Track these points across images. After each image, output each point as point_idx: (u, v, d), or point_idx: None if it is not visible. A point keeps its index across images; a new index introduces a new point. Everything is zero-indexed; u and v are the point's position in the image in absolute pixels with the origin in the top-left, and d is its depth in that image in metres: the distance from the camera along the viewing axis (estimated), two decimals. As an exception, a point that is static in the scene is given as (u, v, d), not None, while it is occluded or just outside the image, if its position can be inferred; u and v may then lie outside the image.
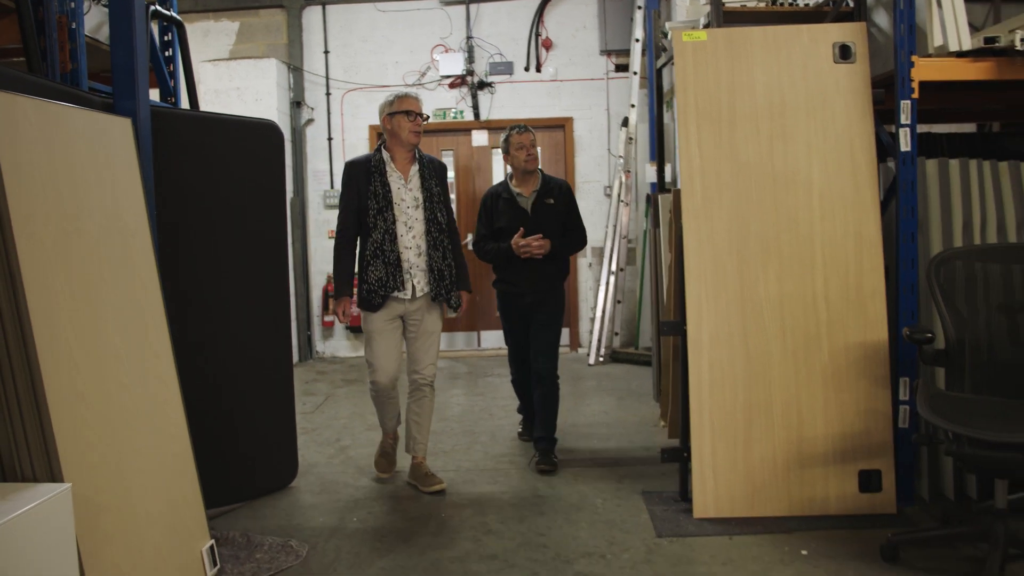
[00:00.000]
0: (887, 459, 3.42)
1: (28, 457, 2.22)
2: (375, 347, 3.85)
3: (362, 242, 3.81)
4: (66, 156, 2.49)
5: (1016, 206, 3.54)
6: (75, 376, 2.37)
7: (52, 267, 2.33)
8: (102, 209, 2.64)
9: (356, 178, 3.80)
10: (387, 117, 3.82)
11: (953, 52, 3.30)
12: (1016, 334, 3.05)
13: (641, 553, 3.13)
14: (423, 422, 4.00)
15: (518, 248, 4.15)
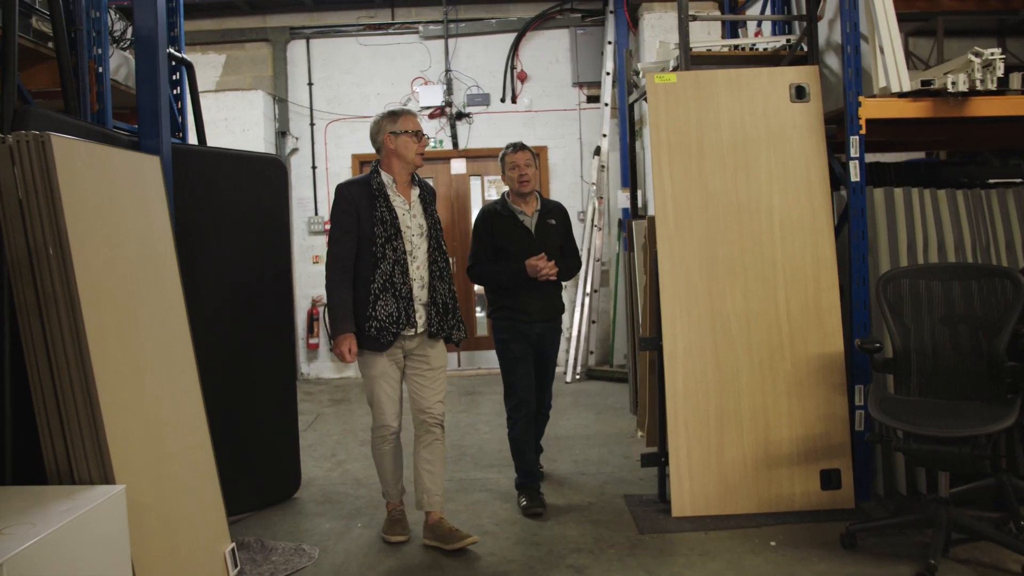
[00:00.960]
0: (846, 459, 3.77)
1: (85, 461, 2.48)
2: (381, 390, 3.48)
3: (362, 273, 3.39)
4: (110, 191, 2.77)
5: (954, 229, 3.94)
6: (121, 388, 2.64)
7: (101, 290, 2.61)
8: (138, 237, 2.92)
9: (355, 202, 3.40)
10: (390, 136, 3.44)
11: (895, 93, 3.70)
12: (956, 343, 3.42)
13: (626, 548, 3.44)
14: (436, 470, 3.57)
15: (537, 271, 3.87)
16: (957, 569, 3.07)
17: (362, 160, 7.91)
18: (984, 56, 3.57)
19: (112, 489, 2.41)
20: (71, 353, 2.46)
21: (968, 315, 3.42)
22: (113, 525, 2.39)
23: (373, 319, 3.35)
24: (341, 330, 3.39)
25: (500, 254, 4.01)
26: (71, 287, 2.45)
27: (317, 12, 7.80)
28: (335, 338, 3.42)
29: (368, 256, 3.38)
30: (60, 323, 2.45)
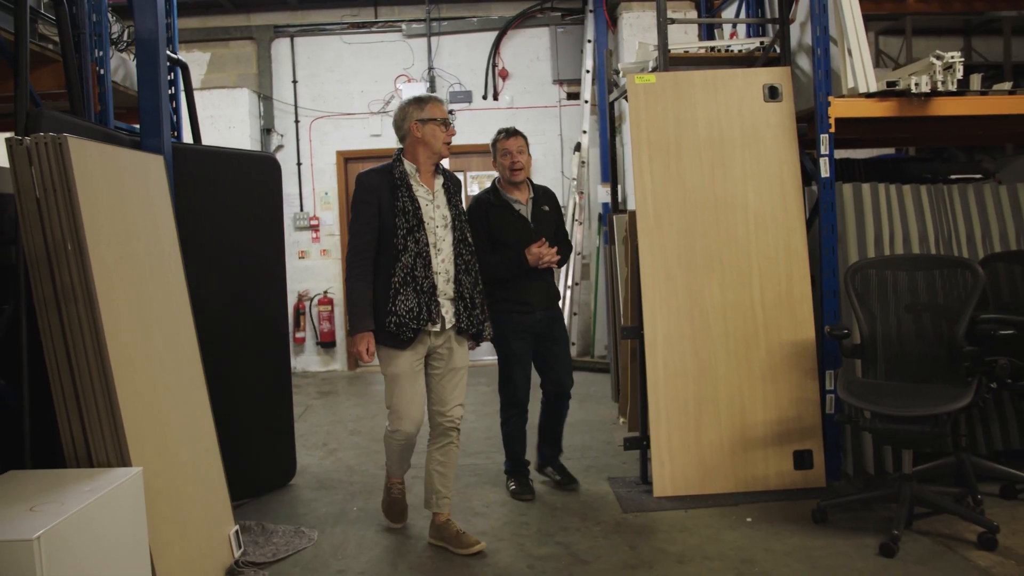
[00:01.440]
0: (817, 440, 3.98)
1: (103, 445, 2.62)
2: (402, 392, 3.31)
3: (383, 266, 3.26)
4: (120, 190, 2.91)
5: (918, 222, 4.16)
6: (134, 377, 2.78)
7: (114, 284, 2.74)
8: (146, 234, 3.06)
9: (377, 192, 3.27)
10: (416, 124, 3.32)
11: (862, 93, 3.90)
12: (919, 329, 3.63)
13: (611, 526, 3.63)
14: (448, 472, 3.49)
15: (538, 258, 3.82)
16: (919, 540, 3.28)
17: (347, 157, 8.04)
18: (945, 59, 3.78)
19: (130, 471, 2.55)
20: (89, 343, 2.60)
21: (930, 303, 3.63)
22: (131, 506, 2.54)
23: (393, 314, 3.20)
24: (359, 328, 3.25)
25: (498, 246, 3.90)
26: (88, 281, 2.59)
27: (301, 11, 7.91)
28: (352, 336, 3.29)
29: (388, 248, 3.24)
30: (79, 315, 2.59)
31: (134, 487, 2.55)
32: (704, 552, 3.29)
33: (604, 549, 3.38)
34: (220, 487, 3.35)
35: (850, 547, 3.25)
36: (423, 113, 3.33)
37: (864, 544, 3.26)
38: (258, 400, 4.17)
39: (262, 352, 4.20)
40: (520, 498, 4.00)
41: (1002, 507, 3.57)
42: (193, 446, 3.16)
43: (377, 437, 5.40)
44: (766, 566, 3.13)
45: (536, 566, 3.24)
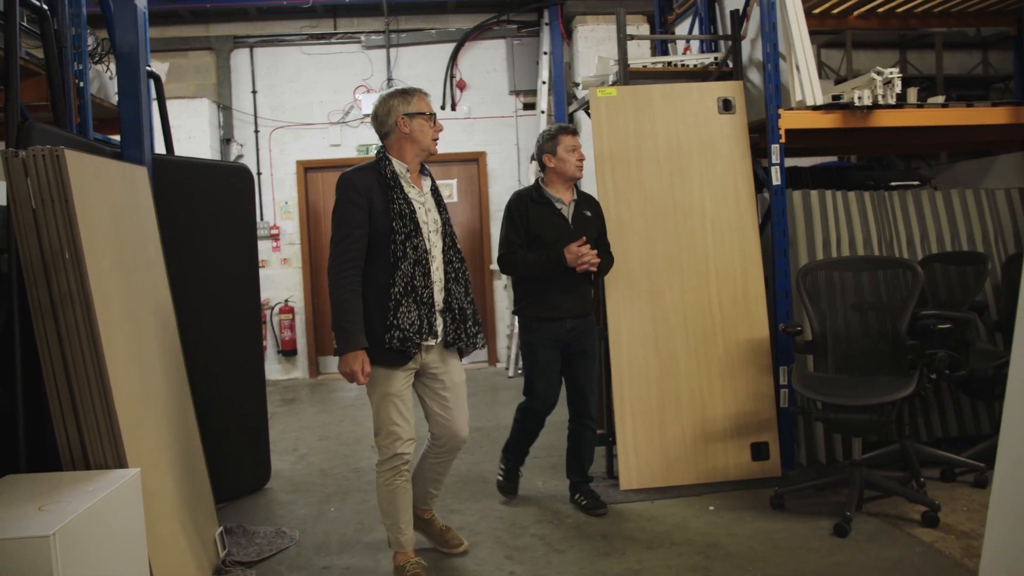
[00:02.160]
0: (772, 433, 4.22)
1: (100, 448, 2.71)
2: (397, 413, 3.04)
3: (375, 276, 2.98)
4: (111, 200, 3.00)
5: (862, 226, 4.44)
6: (128, 381, 2.87)
7: (108, 291, 2.84)
8: (134, 243, 3.15)
9: (368, 193, 2.97)
10: (403, 119, 3.03)
11: (810, 106, 4.16)
12: (865, 326, 3.89)
13: (582, 517, 3.81)
14: (443, 480, 3.41)
15: (577, 258, 3.58)
16: (869, 520, 3.54)
17: (306, 167, 8.11)
18: (885, 75, 4.07)
19: (129, 472, 2.65)
20: (86, 348, 2.69)
21: (875, 301, 3.89)
22: (131, 505, 2.63)
23: (395, 328, 2.92)
24: (352, 345, 2.90)
25: (534, 243, 3.71)
26: (86, 288, 2.68)
27: (260, 21, 7.97)
28: (344, 355, 2.91)
29: (383, 256, 2.97)
30: (76, 321, 2.67)
31: (133, 487, 2.64)
32: (672, 539, 3.49)
33: (577, 539, 3.55)
34: (206, 489, 3.44)
35: (807, 529, 3.48)
36: (410, 107, 3.05)
37: (819, 526, 3.50)
38: (234, 405, 4.26)
39: (237, 359, 4.29)
40: (505, 491, 4.08)
41: (942, 489, 3.85)
42: (181, 448, 3.26)
43: (346, 441, 5.52)
44: (730, 549, 3.34)
45: (514, 556, 3.40)
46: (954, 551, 3.18)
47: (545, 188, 3.83)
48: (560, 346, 3.76)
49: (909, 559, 3.14)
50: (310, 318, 8.18)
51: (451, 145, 8.17)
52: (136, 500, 2.66)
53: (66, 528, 2.18)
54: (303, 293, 8.17)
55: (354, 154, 8.15)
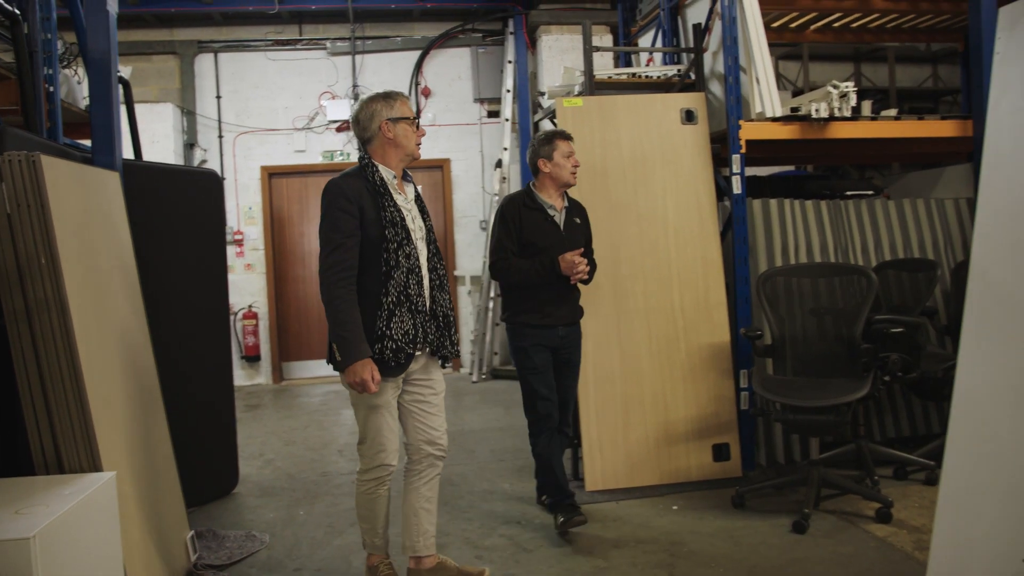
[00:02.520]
0: (733, 434, 4.34)
1: (75, 452, 2.73)
2: (384, 423, 2.98)
3: (367, 285, 2.90)
4: (85, 205, 3.02)
5: (818, 234, 4.59)
6: (102, 386, 2.89)
7: (83, 296, 2.85)
8: (107, 248, 3.17)
9: (357, 201, 2.89)
10: (388, 123, 2.95)
11: (769, 117, 4.30)
12: (822, 330, 4.03)
13: (549, 518, 3.87)
14: (433, 508, 3.17)
15: (571, 267, 3.54)
16: (826, 517, 3.67)
17: (271, 172, 8.11)
18: (840, 88, 4.22)
19: (105, 476, 2.67)
20: (62, 353, 2.70)
21: (831, 307, 4.03)
22: (107, 509, 2.65)
23: (388, 339, 2.87)
24: (358, 354, 2.81)
25: (527, 250, 3.64)
26: (61, 293, 2.70)
27: (225, 27, 7.96)
28: (351, 365, 2.81)
29: (375, 264, 2.91)
30: (52, 326, 2.69)
31: (109, 491, 2.66)
32: (637, 537, 3.58)
33: (545, 539, 3.63)
34: (177, 493, 3.46)
35: (767, 526, 3.60)
36: (393, 111, 2.97)
37: (779, 523, 3.62)
38: (203, 410, 4.27)
39: (206, 364, 4.30)
40: (571, 522, 3.58)
41: (895, 486, 4.00)
42: (153, 452, 3.27)
43: (313, 446, 5.54)
44: (694, 547, 3.44)
45: (484, 556, 3.47)
46: (906, 545, 3.32)
47: (537, 193, 3.73)
48: (551, 352, 3.69)
49: (864, 553, 3.27)
50: (274, 324, 8.16)
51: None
52: (111, 504, 2.68)
53: (46, 530, 2.20)
54: (267, 299, 8.15)
55: (319, 160, 8.17)
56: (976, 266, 2.11)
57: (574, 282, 3.63)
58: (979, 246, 2.11)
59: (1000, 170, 2.07)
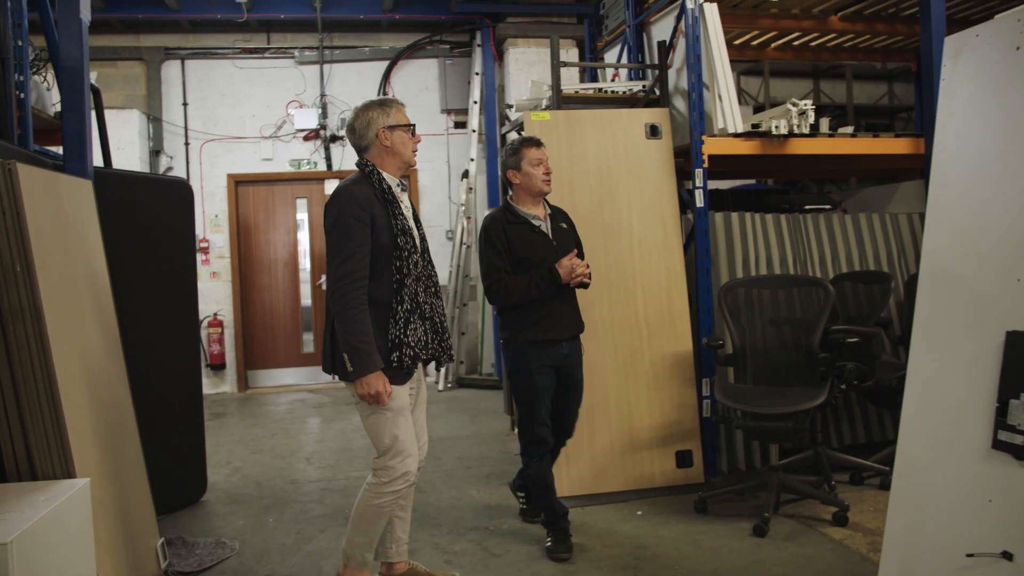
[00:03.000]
0: (696, 442, 4.45)
1: (49, 459, 2.74)
2: (404, 431, 2.93)
3: (378, 293, 2.87)
4: (59, 213, 3.04)
5: (778, 247, 4.73)
6: (75, 393, 2.90)
7: (57, 303, 2.87)
8: (81, 255, 3.19)
9: (370, 208, 2.86)
10: (385, 132, 2.94)
11: (731, 133, 4.43)
12: (781, 340, 4.16)
13: (517, 523, 3.96)
14: (408, 515, 3.23)
15: (570, 272, 3.40)
16: (786, 521, 3.79)
17: (238, 180, 8.10)
18: (800, 106, 4.37)
19: (79, 482, 2.68)
20: (36, 360, 2.72)
21: (790, 317, 4.16)
22: (81, 515, 2.66)
23: (406, 346, 2.87)
24: (371, 366, 2.80)
25: (522, 265, 3.49)
26: (36, 300, 2.72)
27: (193, 34, 7.94)
28: (364, 376, 2.79)
29: (385, 272, 2.88)
30: (26, 333, 2.71)
31: (83, 497, 2.68)
32: (603, 541, 3.67)
33: (513, 543, 3.70)
34: (147, 500, 3.47)
35: (728, 530, 3.71)
36: (389, 119, 2.96)
37: (740, 527, 3.73)
38: (171, 417, 4.27)
39: (175, 372, 4.31)
40: (554, 557, 3.50)
41: (852, 491, 4.14)
42: (123, 460, 3.29)
43: (280, 454, 5.55)
44: (658, 550, 3.54)
45: (453, 560, 3.53)
46: (861, 547, 3.44)
47: (516, 206, 3.60)
48: (554, 371, 3.54)
49: (821, 555, 3.39)
50: (240, 332, 8.14)
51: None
52: (85, 510, 2.70)
53: (23, 536, 2.22)
54: (232, 307, 8.13)
55: (287, 168, 8.18)
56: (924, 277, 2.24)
57: (575, 285, 3.46)
58: (927, 259, 2.23)
59: (946, 188, 2.20)
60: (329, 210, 2.91)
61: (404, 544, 3.22)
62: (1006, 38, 2.04)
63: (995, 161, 2.04)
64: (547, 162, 3.62)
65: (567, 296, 3.54)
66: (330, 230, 2.89)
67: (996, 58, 2.07)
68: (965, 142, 2.14)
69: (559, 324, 3.50)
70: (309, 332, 8.47)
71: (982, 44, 2.11)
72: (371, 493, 2.96)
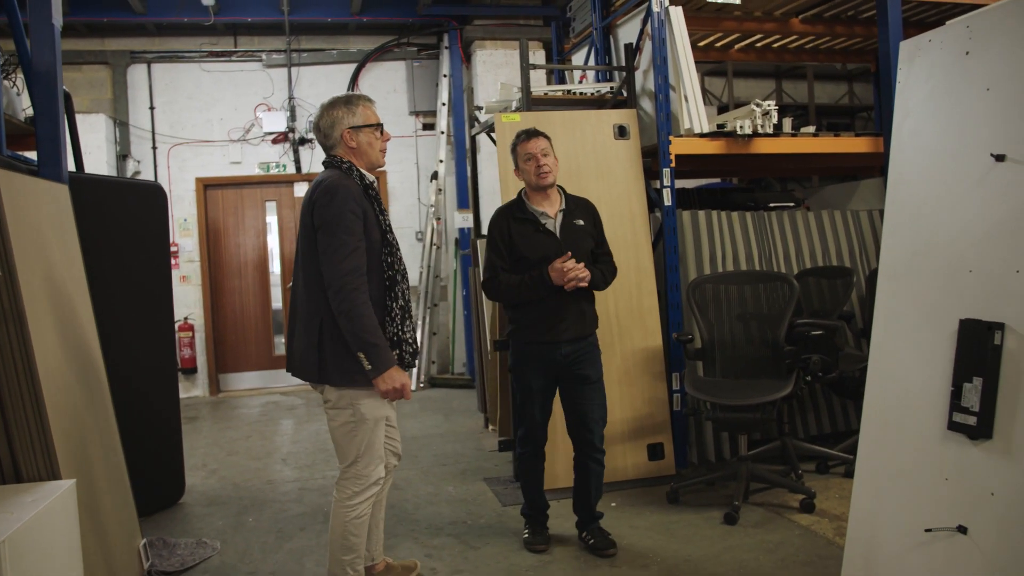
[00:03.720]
0: (667, 435, 4.57)
1: (33, 461, 2.76)
2: (380, 436, 2.93)
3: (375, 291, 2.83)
4: (38, 218, 3.06)
5: (744, 244, 4.87)
6: (57, 395, 2.93)
7: (39, 308, 2.90)
8: (61, 260, 3.21)
9: (362, 205, 2.80)
10: (350, 132, 2.87)
11: (697, 133, 4.55)
12: (748, 334, 4.28)
13: (494, 517, 4.04)
14: (382, 514, 3.23)
15: (563, 275, 3.27)
16: (755, 509, 3.92)
17: (206, 184, 8.08)
18: (763, 107, 4.51)
19: (65, 484, 2.71)
20: (20, 365, 2.74)
21: (756, 312, 4.29)
22: (67, 516, 2.69)
23: (405, 343, 2.85)
24: (389, 361, 2.75)
25: (521, 264, 3.40)
26: (19, 305, 2.74)
27: (159, 37, 7.91)
28: (385, 372, 2.73)
29: (376, 269, 2.85)
30: (10, 338, 2.73)
31: (69, 499, 2.71)
32: (574, 534, 3.75)
33: (491, 536, 3.79)
34: (129, 501, 3.50)
35: (700, 519, 3.83)
36: (355, 118, 2.88)
37: (711, 516, 3.85)
38: (149, 420, 4.29)
39: (153, 374, 4.33)
40: (531, 548, 3.57)
41: (818, 479, 4.28)
42: (105, 461, 3.31)
43: (256, 456, 5.57)
44: (632, 539, 3.64)
45: (433, 554, 3.60)
46: (827, 532, 3.58)
47: (527, 201, 3.52)
48: (554, 372, 3.45)
49: (790, 540, 3.52)
50: (210, 335, 8.12)
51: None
52: (72, 511, 2.72)
53: (15, 536, 2.25)
54: (203, 310, 8.10)
55: (256, 171, 8.18)
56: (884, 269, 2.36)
57: (570, 288, 3.30)
58: (886, 251, 2.35)
59: (903, 184, 2.32)
60: (324, 206, 2.78)
61: (380, 543, 3.24)
62: (956, 44, 2.16)
63: (947, 158, 2.16)
64: (540, 154, 3.46)
65: (570, 297, 3.36)
66: (327, 227, 2.77)
67: (948, 62, 2.19)
68: (920, 140, 2.26)
69: (557, 326, 3.38)
70: (280, 335, 8.47)
71: (935, 49, 2.24)
72: (346, 508, 2.90)
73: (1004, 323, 1.94)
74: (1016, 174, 1.96)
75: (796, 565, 3.26)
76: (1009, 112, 2.00)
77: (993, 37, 2.06)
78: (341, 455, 2.93)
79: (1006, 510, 1.89)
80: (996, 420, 1.93)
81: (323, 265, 2.78)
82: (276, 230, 8.41)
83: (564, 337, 3.39)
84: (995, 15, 2.08)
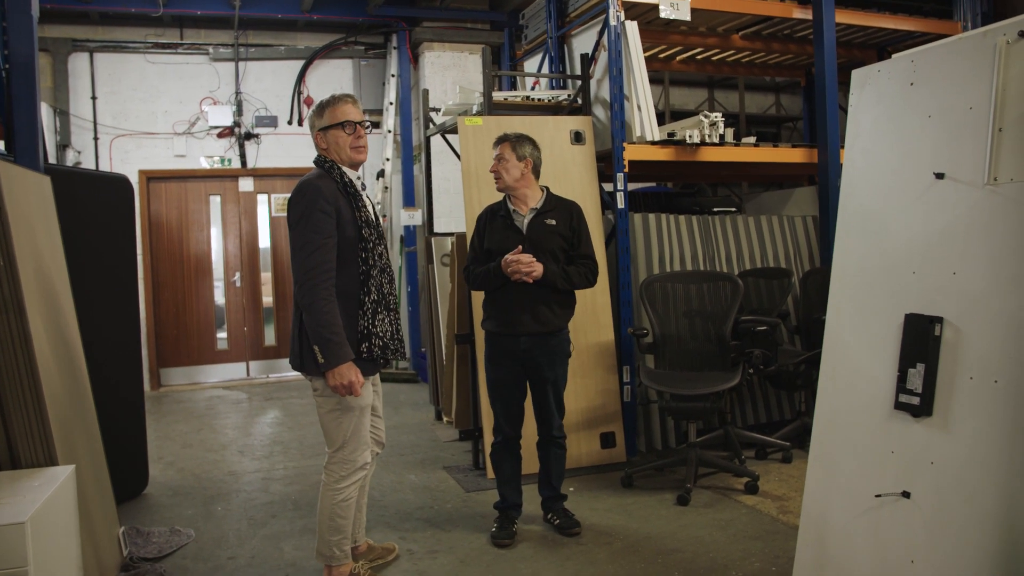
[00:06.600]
0: (618, 424, 4.84)
1: (31, 448, 2.84)
2: (364, 425, 3.07)
3: (345, 285, 2.95)
4: (29, 208, 3.12)
5: (690, 245, 5.19)
6: (51, 383, 3.01)
7: (35, 297, 2.97)
8: (48, 250, 3.27)
9: (334, 201, 2.91)
10: (320, 135, 3.04)
11: (648, 141, 4.84)
12: (695, 330, 4.59)
13: (459, 503, 4.24)
14: (364, 499, 3.42)
15: (507, 266, 3.47)
16: (704, 492, 4.23)
17: (150, 176, 8.02)
18: (711, 118, 4.82)
19: (67, 469, 2.80)
20: (19, 352, 2.82)
21: (702, 309, 4.60)
22: (69, 500, 2.79)
23: (375, 336, 2.96)
24: (343, 356, 2.86)
25: (489, 256, 3.63)
26: (19, 294, 2.82)
27: (102, 26, 7.80)
28: (337, 367, 2.85)
29: (351, 264, 2.96)
30: (10, 326, 2.80)
31: (71, 483, 2.81)
32: (541, 515, 3.99)
33: (458, 521, 3.99)
34: (108, 489, 3.57)
35: (655, 501, 4.11)
36: (323, 120, 3.04)
37: (665, 498, 4.14)
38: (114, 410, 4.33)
39: (117, 364, 4.37)
40: (495, 542, 3.65)
41: (758, 464, 4.63)
42: (89, 448, 3.39)
43: (212, 448, 5.63)
44: (593, 520, 3.89)
45: (407, 536, 3.78)
46: (772, 511, 3.90)
47: (508, 201, 3.74)
48: (517, 364, 3.64)
49: (739, 518, 3.83)
50: (152, 329, 8.06)
51: (298, 160, 8.38)
52: (72, 496, 2.82)
53: (35, 515, 2.36)
54: (144, 304, 8.03)
55: (202, 165, 8.16)
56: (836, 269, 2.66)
57: (516, 280, 3.48)
58: (839, 254, 2.66)
59: (854, 196, 2.63)
60: (294, 205, 2.94)
61: (363, 527, 3.45)
62: (902, 75, 2.47)
63: (894, 175, 2.47)
64: (495, 161, 3.69)
65: (528, 291, 3.53)
66: (295, 224, 2.92)
67: (894, 91, 2.50)
68: (869, 159, 2.56)
69: (517, 319, 3.56)
70: (223, 330, 8.47)
71: (883, 78, 2.54)
72: (333, 491, 3.06)
73: (943, 317, 2.25)
74: (954, 190, 2.27)
75: (747, 539, 3.57)
76: (948, 137, 2.31)
77: (935, 71, 2.38)
78: (329, 441, 3.10)
79: (943, 476, 2.21)
80: (935, 400, 2.25)
81: (292, 260, 2.98)
82: (220, 224, 8.40)
83: (522, 331, 3.58)
84: (936, 53, 2.40)
